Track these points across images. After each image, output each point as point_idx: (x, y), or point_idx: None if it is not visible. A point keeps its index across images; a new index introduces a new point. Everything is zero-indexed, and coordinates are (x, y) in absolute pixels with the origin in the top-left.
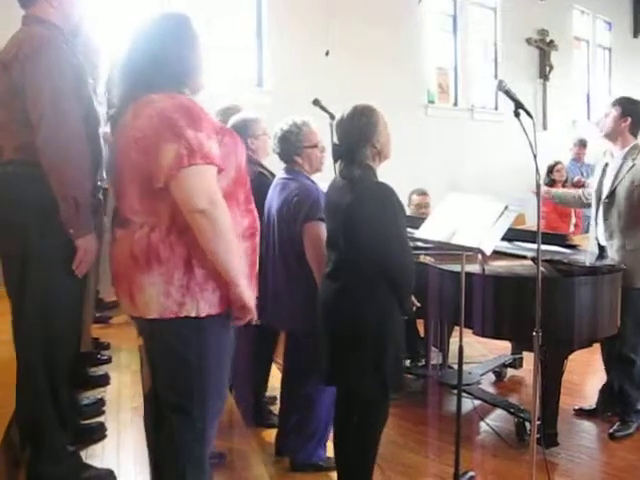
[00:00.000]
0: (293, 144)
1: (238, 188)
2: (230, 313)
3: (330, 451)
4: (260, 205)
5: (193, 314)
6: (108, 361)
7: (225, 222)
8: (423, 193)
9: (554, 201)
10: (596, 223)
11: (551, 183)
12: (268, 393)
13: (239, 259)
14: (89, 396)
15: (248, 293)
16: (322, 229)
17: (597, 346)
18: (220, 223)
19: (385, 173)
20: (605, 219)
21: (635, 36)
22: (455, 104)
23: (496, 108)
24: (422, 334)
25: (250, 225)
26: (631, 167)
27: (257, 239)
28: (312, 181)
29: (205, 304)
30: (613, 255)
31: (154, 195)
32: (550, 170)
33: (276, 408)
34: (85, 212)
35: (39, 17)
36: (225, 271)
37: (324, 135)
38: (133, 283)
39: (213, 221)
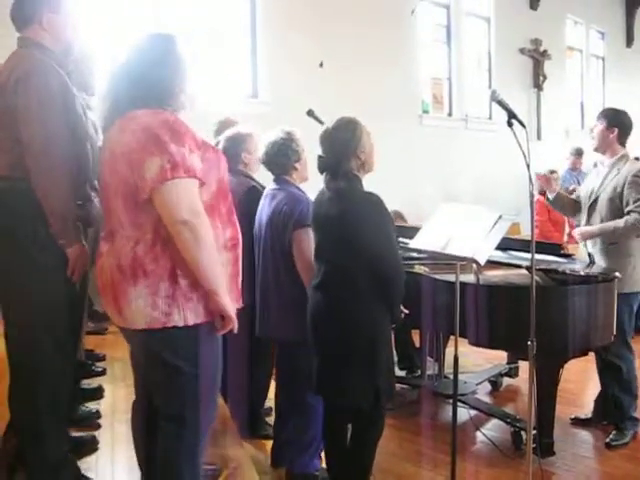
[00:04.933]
0: (294, 153)
1: (220, 201)
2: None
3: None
4: (252, 218)
5: (181, 324)
6: (102, 373)
7: (206, 233)
8: (399, 217)
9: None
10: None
11: (545, 192)
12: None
13: (219, 269)
14: (85, 408)
15: (228, 303)
16: (311, 235)
17: (593, 354)
18: (201, 234)
19: (379, 183)
20: (588, 225)
21: (628, 46)
22: (449, 114)
23: (490, 118)
24: (417, 344)
25: (232, 236)
26: (615, 175)
27: (239, 250)
28: (301, 190)
29: (191, 313)
30: (598, 260)
31: (138, 208)
32: None
33: (271, 419)
34: (72, 224)
35: (32, 40)
36: (206, 281)
37: (318, 146)
38: (121, 295)
39: (195, 232)
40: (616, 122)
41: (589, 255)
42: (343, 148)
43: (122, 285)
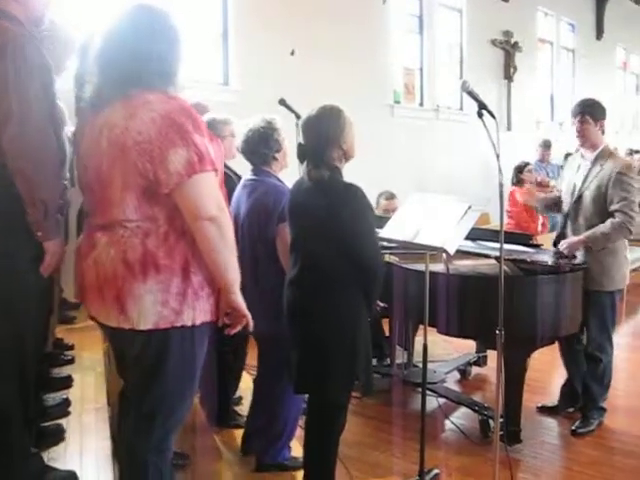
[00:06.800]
0: (275, 143)
1: (221, 192)
2: (219, 320)
3: (295, 451)
4: None
5: (189, 323)
6: (71, 362)
7: (230, 229)
8: (391, 197)
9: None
10: (566, 223)
11: (518, 183)
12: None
13: (237, 267)
14: (53, 397)
15: (242, 299)
16: None
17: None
18: (226, 230)
19: (351, 173)
20: (573, 222)
21: (598, 38)
22: (421, 104)
23: (461, 108)
24: (387, 333)
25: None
26: (599, 172)
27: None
28: (281, 181)
29: (200, 312)
30: (581, 256)
31: (152, 200)
32: (520, 170)
33: (241, 409)
34: (53, 216)
35: (1, 9)
36: (223, 278)
37: (290, 135)
38: (126, 292)
39: (222, 228)
40: (600, 115)
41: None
42: (325, 137)
43: (128, 281)
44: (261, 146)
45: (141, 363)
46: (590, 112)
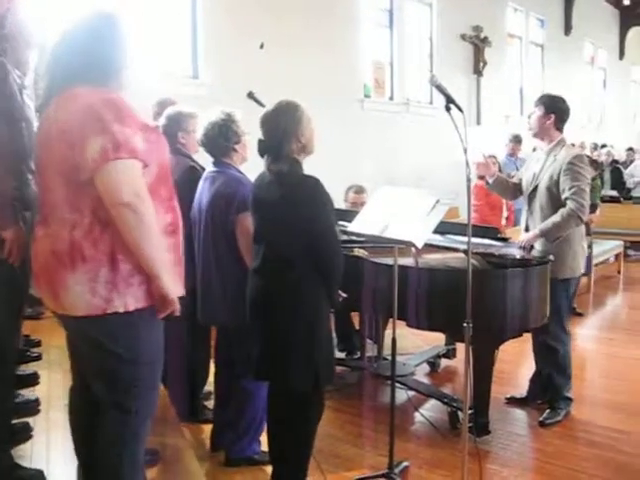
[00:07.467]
0: (234, 135)
1: (160, 185)
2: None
3: (264, 445)
4: (191, 199)
5: (121, 310)
6: (38, 358)
7: (150, 216)
8: (360, 191)
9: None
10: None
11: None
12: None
13: (162, 253)
14: (22, 395)
15: (171, 286)
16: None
17: (528, 336)
18: (145, 216)
19: (320, 167)
20: (529, 212)
21: (566, 34)
22: (391, 98)
23: (431, 102)
24: (357, 326)
25: (172, 222)
26: (552, 162)
27: (179, 237)
28: (242, 172)
29: (132, 298)
30: (537, 246)
31: (78, 190)
32: None
33: (211, 403)
34: (8, 205)
35: None
36: (148, 265)
37: (258, 128)
38: (57, 282)
39: (139, 214)
40: (553, 108)
41: None
42: (283, 130)
43: (59, 271)
44: (220, 138)
45: (85, 351)
46: (545, 103)
